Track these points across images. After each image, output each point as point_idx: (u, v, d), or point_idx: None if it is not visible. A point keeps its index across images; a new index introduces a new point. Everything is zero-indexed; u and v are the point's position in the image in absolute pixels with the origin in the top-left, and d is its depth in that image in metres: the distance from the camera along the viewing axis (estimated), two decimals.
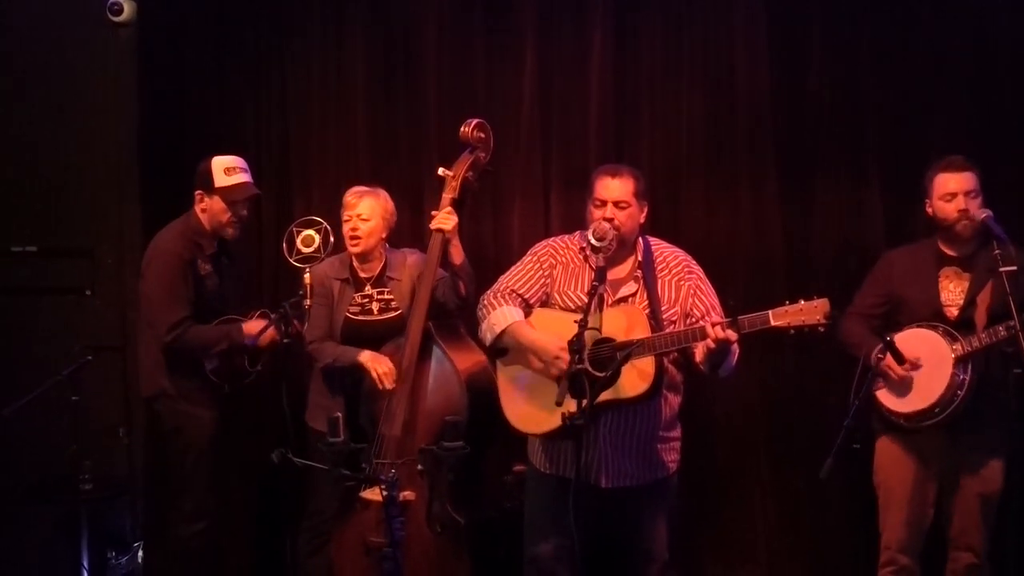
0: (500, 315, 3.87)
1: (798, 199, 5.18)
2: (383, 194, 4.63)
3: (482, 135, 4.39)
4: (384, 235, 4.61)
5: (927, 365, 4.08)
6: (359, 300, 4.58)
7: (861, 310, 4.38)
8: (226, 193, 4.56)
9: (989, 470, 4.18)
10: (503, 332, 3.85)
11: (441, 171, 4.38)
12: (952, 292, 4.20)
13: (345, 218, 4.57)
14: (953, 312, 4.17)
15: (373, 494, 4.07)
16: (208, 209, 4.59)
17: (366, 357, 4.42)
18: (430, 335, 4.39)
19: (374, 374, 4.36)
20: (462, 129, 4.36)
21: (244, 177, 4.63)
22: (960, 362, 4.04)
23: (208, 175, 4.56)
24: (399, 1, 5.35)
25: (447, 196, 4.36)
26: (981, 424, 4.08)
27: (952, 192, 4.16)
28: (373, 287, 4.60)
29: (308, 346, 4.57)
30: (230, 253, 4.74)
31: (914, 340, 4.11)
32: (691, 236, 5.04)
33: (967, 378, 4.04)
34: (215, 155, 4.60)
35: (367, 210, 4.55)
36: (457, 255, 4.38)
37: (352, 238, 4.54)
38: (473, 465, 4.24)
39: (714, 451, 5.12)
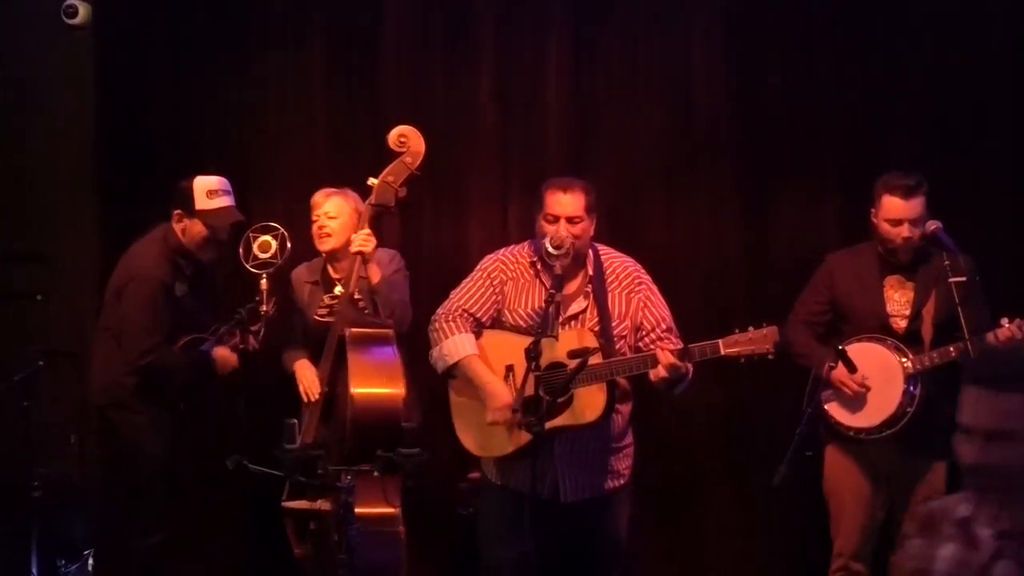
0: (453, 345, 3.82)
1: (757, 209, 5.22)
2: (352, 194, 4.59)
3: (404, 139, 4.30)
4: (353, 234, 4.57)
5: (877, 380, 4.08)
6: (327, 302, 4.54)
7: (805, 317, 4.35)
8: (207, 217, 4.47)
9: (934, 474, 4.21)
10: (455, 365, 3.82)
11: (370, 181, 4.32)
12: (898, 302, 4.20)
13: (313, 218, 4.54)
14: (900, 324, 4.17)
15: (296, 504, 4.16)
16: (187, 231, 4.50)
17: (295, 366, 4.46)
18: (343, 344, 4.31)
19: (300, 386, 4.38)
20: (388, 136, 4.31)
21: (227, 201, 4.54)
22: (911, 379, 4.06)
23: (188, 196, 4.46)
24: (358, 9, 5.34)
25: (374, 204, 4.31)
26: (927, 430, 4.07)
27: (898, 219, 4.11)
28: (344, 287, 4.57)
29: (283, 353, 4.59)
30: (205, 271, 4.67)
31: (862, 354, 4.10)
32: (650, 245, 5.06)
33: (917, 394, 4.06)
34: (198, 174, 4.51)
35: (334, 208, 4.52)
36: (374, 275, 4.35)
37: (320, 236, 4.51)
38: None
39: (670, 458, 5.13)
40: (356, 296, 4.39)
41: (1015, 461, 2.15)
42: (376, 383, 4.15)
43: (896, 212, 4.12)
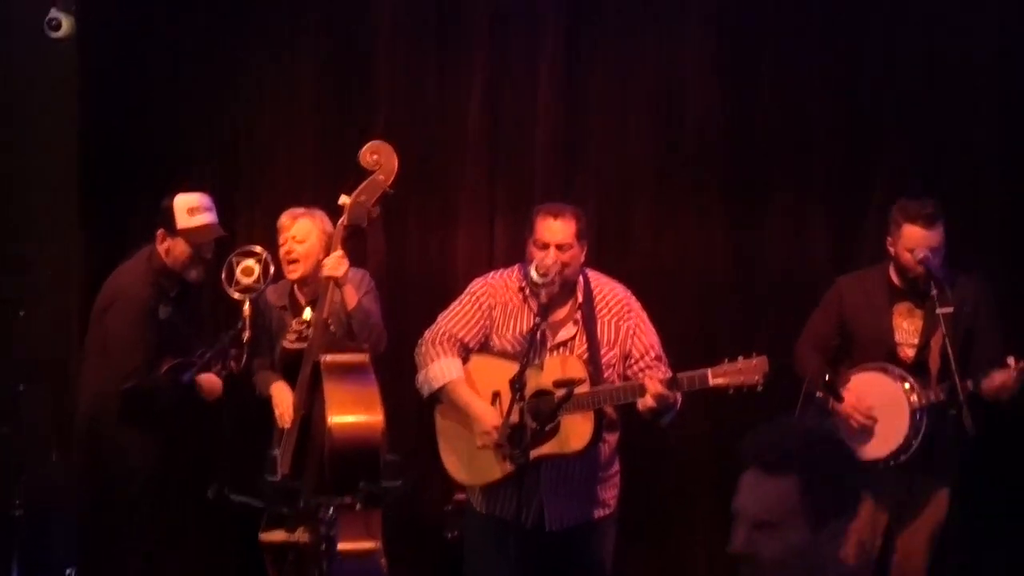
0: (439, 369, 3.80)
1: (745, 223, 5.19)
2: (320, 214, 4.46)
3: (376, 157, 4.16)
4: (322, 256, 4.39)
5: (883, 412, 4.06)
6: (296, 327, 4.42)
7: (815, 340, 4.34)
8: (189, 235, 4.39)
9: (937, 499, 4.22)
10: (440, 389, 3.80)
11: (341, 200, 4.18)
12: (906, 331, 4.17)
13: (281, 241, 4.43)
14: (908, 353, 4.15)
15: (273, 536, 4.09)
16: (171, 250, 4.42)
17: (272, 389, 4.38)
18: (318, 370, 4.19)
19: (276, 410, 4.31)
20: (360, 154, 4.17)
21: (209, 217, 4.46)
22: (917, 411, 4.03)
23: (170, 215, 4.38)
24: (350, 19, 5.27)
25: (347, 225, 4.18)
26: (931, 455, 4.08)
27: (920, 247, 4.08)
28: (315, 310, 4.49)
29: (254, 377, 4.50)
30: (190, 292, 4.60)
31: (865, 385, 4.09)
32: (638, 259, 5.05)
33: (923, 425, 4.03)
34: (178, 192, 4.42)
35: (302, 231, 4.39)
36: (351, 299, 4.21)
37: (289, 262, 4.39)
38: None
39: (657, 484, 5.08)
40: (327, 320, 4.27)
41: (779, 555, 1.97)
42: (354, 411, 4.06)
43: (919, 241, 4.08)
